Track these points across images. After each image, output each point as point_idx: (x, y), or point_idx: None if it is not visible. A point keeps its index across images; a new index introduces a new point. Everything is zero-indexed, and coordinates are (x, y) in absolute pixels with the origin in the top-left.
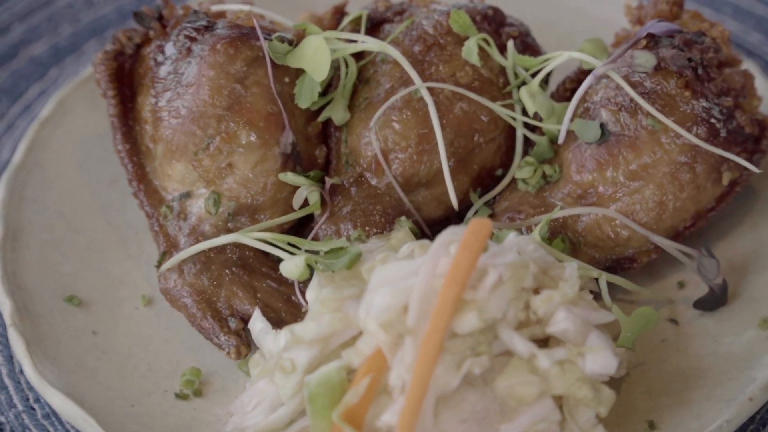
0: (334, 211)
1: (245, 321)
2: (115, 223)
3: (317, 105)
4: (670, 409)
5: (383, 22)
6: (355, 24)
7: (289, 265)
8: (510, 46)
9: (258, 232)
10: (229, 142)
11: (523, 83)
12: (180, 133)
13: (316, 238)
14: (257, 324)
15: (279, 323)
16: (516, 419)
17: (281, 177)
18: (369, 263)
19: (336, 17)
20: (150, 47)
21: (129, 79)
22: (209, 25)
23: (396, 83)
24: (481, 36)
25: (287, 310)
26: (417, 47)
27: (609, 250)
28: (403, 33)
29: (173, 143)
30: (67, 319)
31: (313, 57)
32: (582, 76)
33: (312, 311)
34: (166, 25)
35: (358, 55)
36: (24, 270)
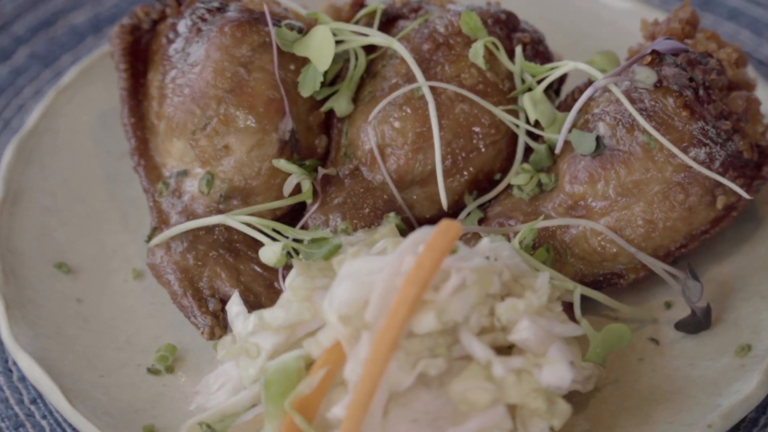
0: (325, 201)
1: (225, 303)
2: (119, 196)
3: (322, 95)
4: (631, 430)
5: (398, 18)
6: (371, 17)
7: (268, 252)
8: (518, 51)
9: (246, 216)
10: (227, 124)
11: (530, 90)
12: (181, 112)
13: (305, 227)
14: (234, 307)
15: (258, 308)
16: (465, 424)
17: (274, 163)
18: (342, 255)
19: (355, 9)
20: (165, 24)
21: (144, 55)
22: (221, 7)
23: (401, 79)
24: (490, 39)
25: (267, 295)
26: (426, 45)
27: (596, 264)
28: (415, 30)
29: (174, 121)
30: (54, 285)
31: (319, 47)
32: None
33: (282, 299)
34: (181, 3)
35: (370, 49)
36: (18, 233)
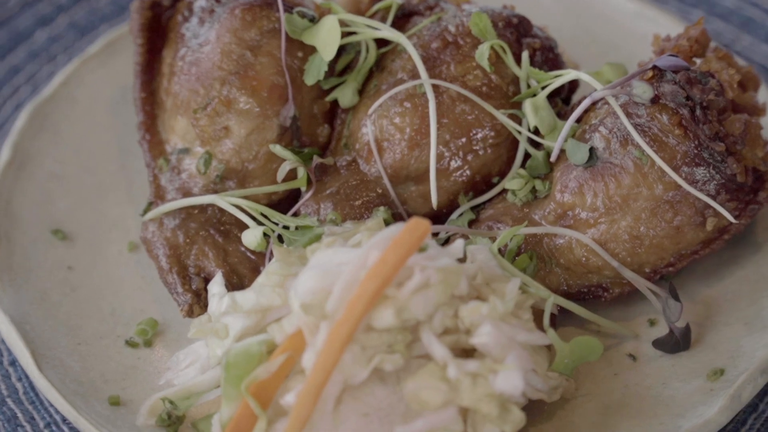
0: (318, 190)
1: (209, 282)
2: (129, 170)
3: (329, 84)
4: None
5: (414, 14)
6: (387, 11)
7: (249, 235)
8: (524, 56)
9: (238, 198)
10: (228, 105)
11: (534, 96)
12: (186, 90)
13: (297, 214)
14: (215, 287)
15: (240, 290)
16: (413, 422)
17: (271, 147)
18: (316, 244)
19: (374, 1)
20: (183, 2)
21: (162, 31)
22: None
23: (407, 75)
24: (498, 42)
25: (251, 278)
26: (435, 44)
27: (581, 275)
28: (426, 27)
29: (179, 98)
30: (47, 252)
31: (325, 36)
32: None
33: (256, 282)
34: None
35: (383, 43)
36: (19, 198)
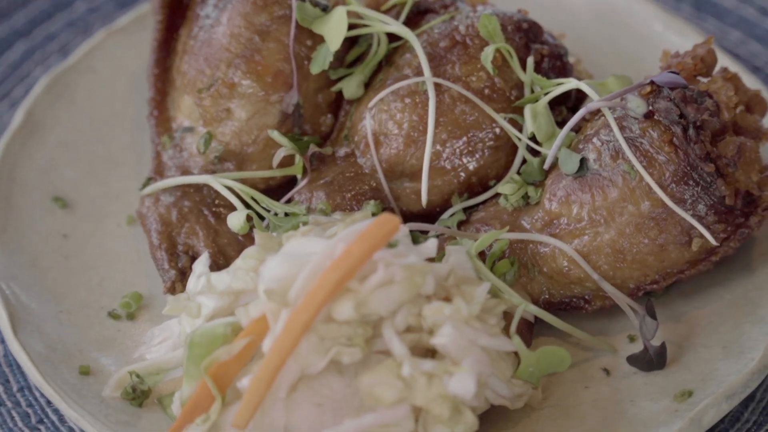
0: (313, 179)
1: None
2: (140, 144)
3: (337, 75)
4: None
5: (429, 11)
6: (403, 7)
7: (233, 218)
8: (530, 61)
9: (231, 180)
10: (231, 88)
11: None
12: (193, 69)
13: (291, 201)
14: (199, 266)
15: None
16: (364, 416)
17: (269, 133)
18: (292, 232)
19: None
20: None
21: (183, 10)
22: None
23: (412, 72)
24: (504, 45)
25: None
26: (443, 42)
27: (564, 285)
28: (438, 26)
29: (186, 77)
30: (44, 218)
31: (333, 27)
32: None
33: (233, 265)
34: None
35: (396, 38)
36: (25, 162)
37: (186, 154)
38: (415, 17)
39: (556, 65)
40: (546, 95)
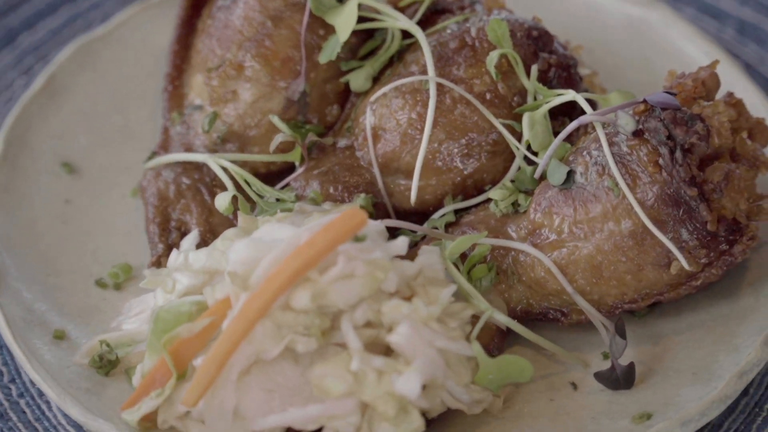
0: (310, 168)
1: None
2: (158, 119)
3: (348, 66)
4: None
5: (446, 11)
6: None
7: (220, 198)
8: (534, 69)
9: (229, 162)
10: (238, 70)
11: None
12: (206, 48)
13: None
14: (186, 242)
15: None
16: (310, 406)
17: (270, 117)
18: (267, 217)
19: None
20: None
21: None
22: None
23: (419, 69)
24: (510, 51)
25: None
26: (453, 43)
27: (542, 296)
28: (451, 26)
29: (200, 56)
30: (49, 182)
31: (344, 18)
32: None
33: (212, 245)
34: None
35: (411, 35)
36: (39, 126)
37: (192, 131)
38: (432, 16)
39: (562, 76)
40: (545, 104)
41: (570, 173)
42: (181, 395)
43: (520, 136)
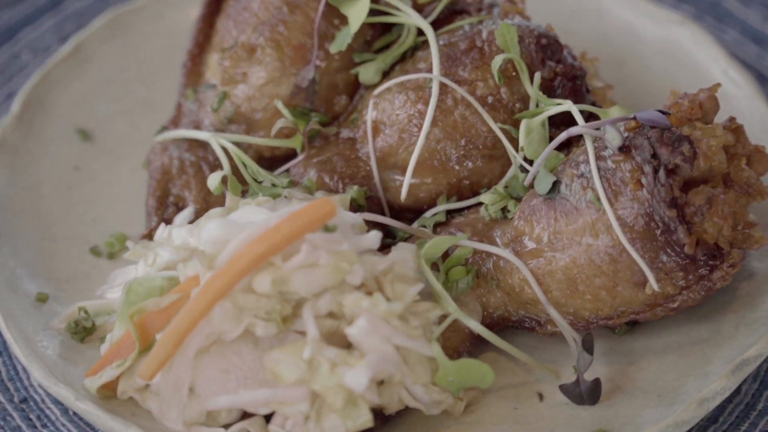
0: (310, 156)
1: None
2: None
3: (362, 59)
4: None
5: (463, 12)
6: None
7: (212, 178)
8: (536, 77)
9: (230, 143)
10: (250, 53)
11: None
12: (224, 29)
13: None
14: (179, 219)
15: None
16: (259, 390)
17: (275, 102)
18: (247, 200)
19: None
20: None
21: None
22: None
23: (427, 67)
24: (516, 57)
25: None
26: (462, 44)
27: (519, 304)
28: (464, 27)
29: (218, 36)
30: (61, 147)
31: (358, 10)
32: None
33: (196, 222)
34: None
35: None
36: (61, 91)
37: (203, 110)
38: (450, 16)
39: (567, 86)
40: (544, 112)
41: (556, 183)
42: (141, 368)
43: (518, 142)
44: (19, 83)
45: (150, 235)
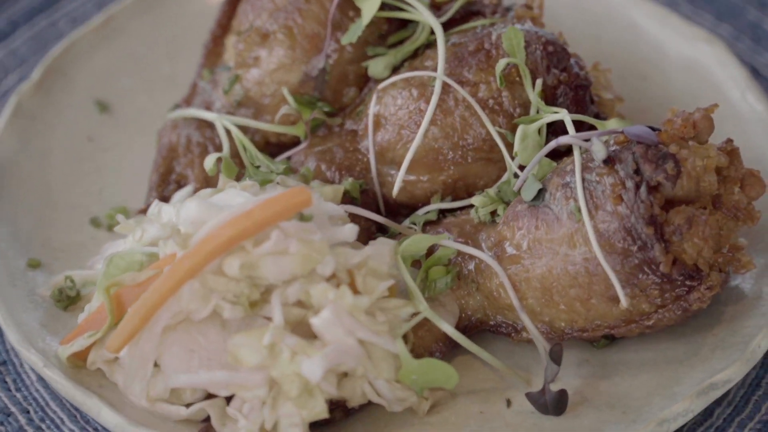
0: (311, 145)
1: None
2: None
3: (375, 52)
4: None
5: (479, 13)
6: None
7: (209, 159)
8: (538, 83)
9: (234, 126)
10: (264, 38)
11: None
12: (242, 12)
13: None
14: (177, 196)
15: None
16: (217, 371)
17: (282, 89)
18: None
19: None
20: None
21: None
22: None
23: (434, 66)
24: (521, 63)
25: None
26: (471, 45)
27: (497, 308)
28: (474, 28)
29: (237, 19)
30: (77, 116)
31: (371, 3)
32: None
33: (185, 201)
34: None
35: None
36: (83, 62)
37: (216, 91)
38: (466, 16)
39: (570, 95)
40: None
41: (541, 191)
42: None
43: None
44: None
45: (146, 211)
